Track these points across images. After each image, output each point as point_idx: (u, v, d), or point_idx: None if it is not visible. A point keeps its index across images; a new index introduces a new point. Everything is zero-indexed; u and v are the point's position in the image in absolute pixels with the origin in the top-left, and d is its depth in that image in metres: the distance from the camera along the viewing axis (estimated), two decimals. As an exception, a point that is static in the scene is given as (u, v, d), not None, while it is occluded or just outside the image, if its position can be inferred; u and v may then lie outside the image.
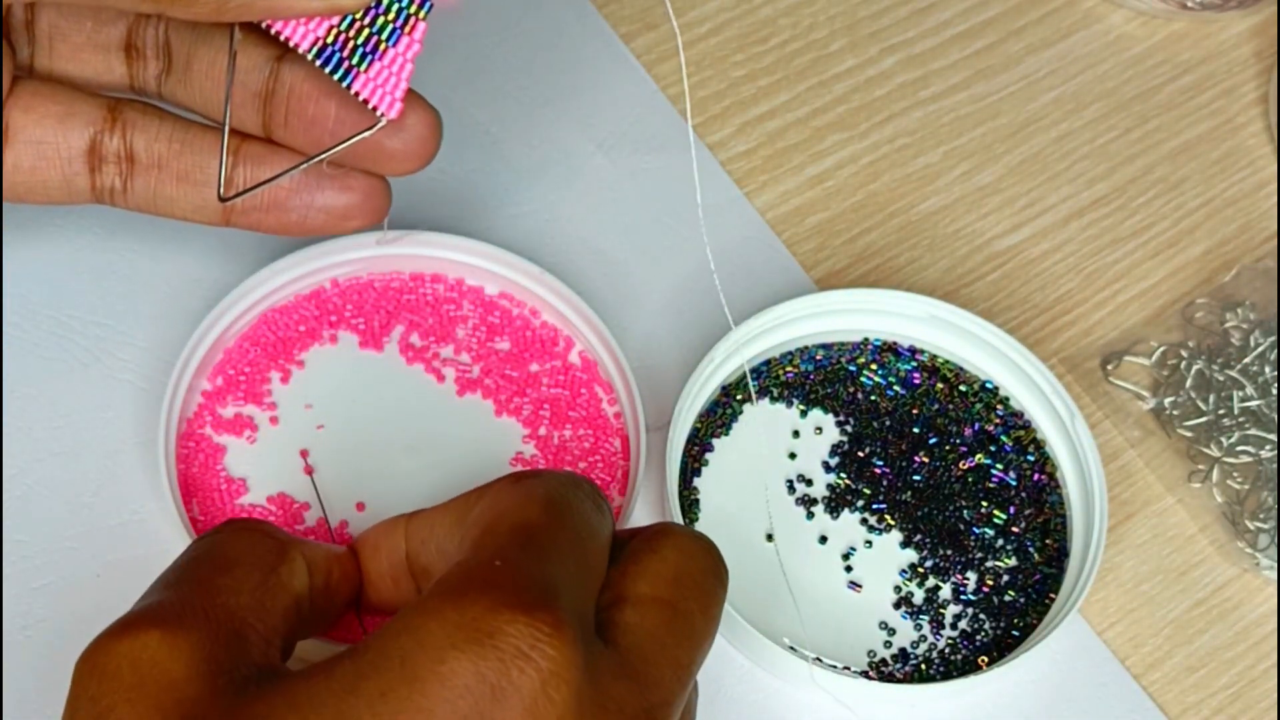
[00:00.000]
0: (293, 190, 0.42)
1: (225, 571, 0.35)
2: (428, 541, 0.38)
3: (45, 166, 0.41)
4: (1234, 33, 0.64)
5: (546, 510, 0.34)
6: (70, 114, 0.41)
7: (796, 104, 0.59)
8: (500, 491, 0.36)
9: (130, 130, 0.41)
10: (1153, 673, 0.49)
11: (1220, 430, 0.53)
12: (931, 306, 0.52)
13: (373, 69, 0.37)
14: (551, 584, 0.32)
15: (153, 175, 0.42)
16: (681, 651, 0.34)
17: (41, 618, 0.45)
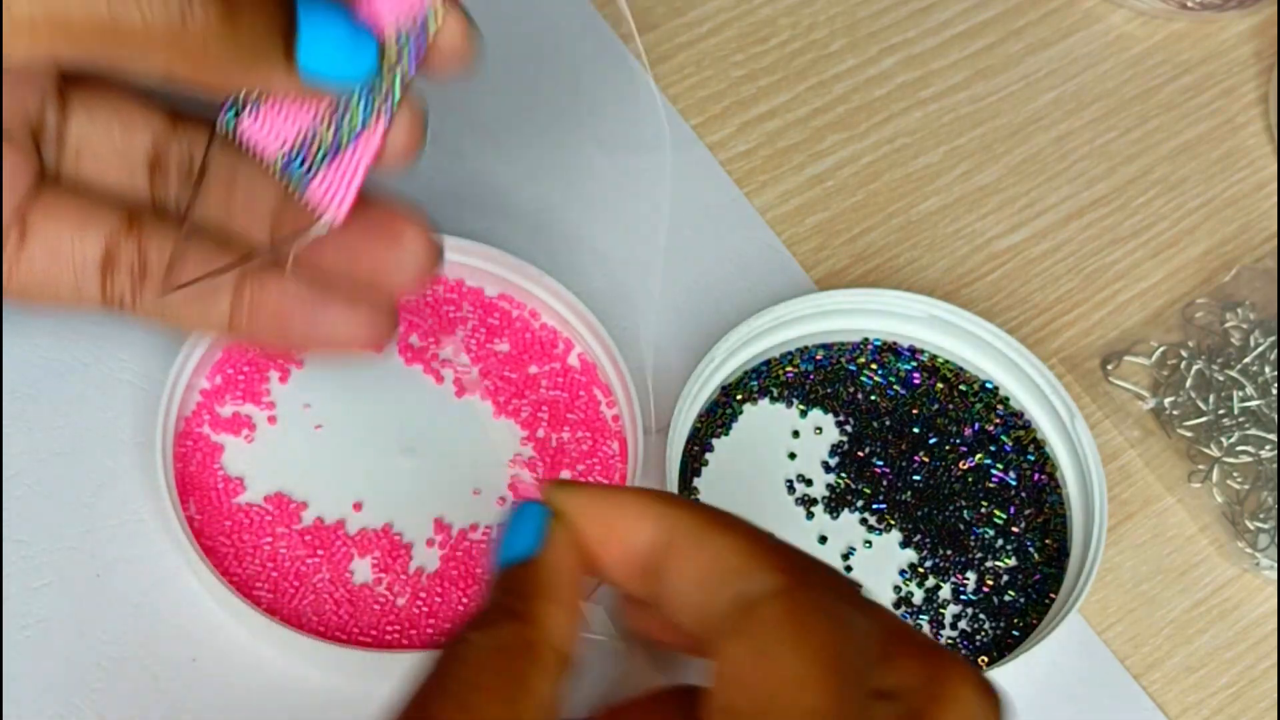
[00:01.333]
0: (299, 304, 0.41)
1: (463, 707, 0.31)
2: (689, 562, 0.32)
3: (58, 270, 0.41)
4: (1234, 33, 0.64)
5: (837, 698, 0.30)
6: (89, 220, 0.41)
7: (796, 104, 0.59)
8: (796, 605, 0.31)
9: (146, 240, 0.41)
10: (1153, 673, 0.49)
11: (1220, 430, 0.53)
12: (931, 306, 0.52)
13: (326, 173, 0.38)
14: None
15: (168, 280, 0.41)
16: None
17: (41, 618, 0.45)
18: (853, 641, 0.31)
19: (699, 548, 0.32)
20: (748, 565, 0.32)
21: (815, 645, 0.30)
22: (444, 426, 0.50)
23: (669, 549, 0.33)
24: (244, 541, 0.46)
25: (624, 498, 0.34)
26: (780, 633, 0.30)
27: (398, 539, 0.47)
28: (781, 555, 0.32)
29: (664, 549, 0.33)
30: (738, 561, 0.32)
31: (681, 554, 0.32)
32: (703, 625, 0.32)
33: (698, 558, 0.32)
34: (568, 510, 0.34)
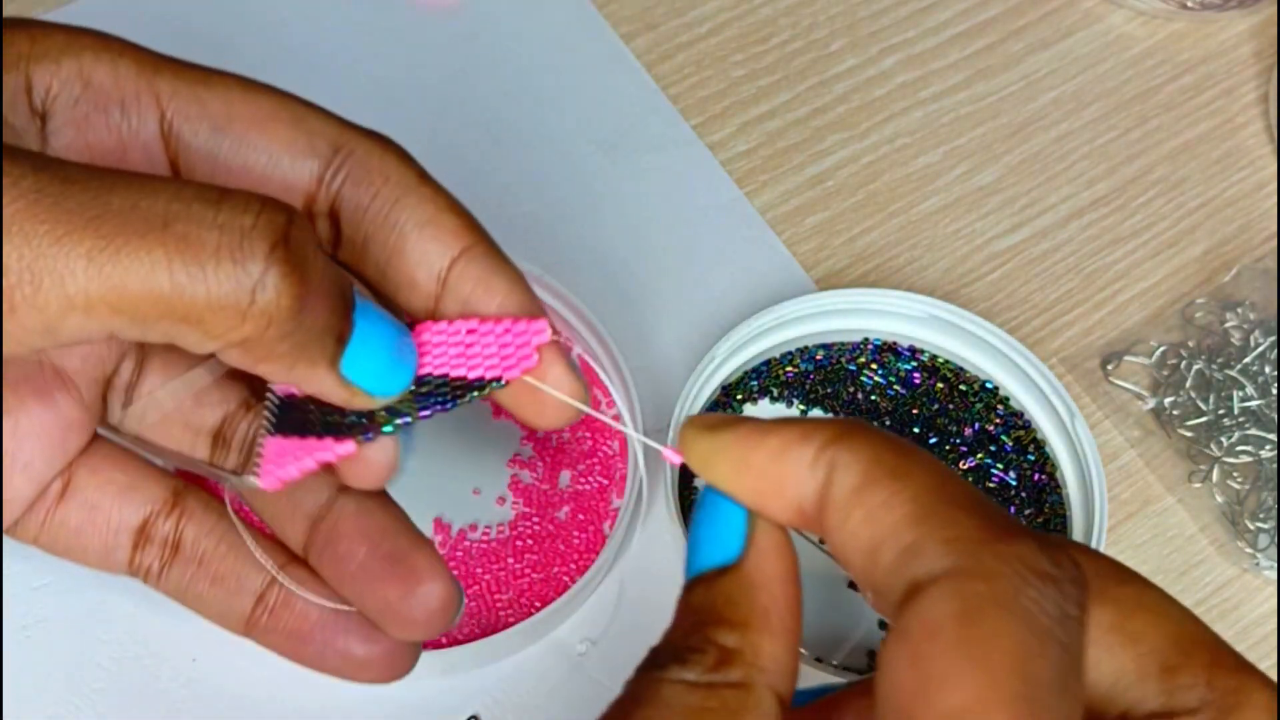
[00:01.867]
0: (319, 626, 0.40)
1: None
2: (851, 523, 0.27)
3: (91, 532, 0.39)
4: (1234, 33, 0.64)
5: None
6: (134, 488, 0.39)
7: (796, 104, 0.59)
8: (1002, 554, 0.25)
9: (185, 519, 0.40)
10: (1153, 673, 0.49)
11: (1220, 430, 0.53)
12: (931, 306, 0.52)
13: (285, 441, 0.36)
14: None
15: (190, 570, 0.40)
16: None
17: (41, 618, 0.45)
18: (1046, 640, 0.24)
19: (861, 504, 0.27)
20: (914, 533, 0.25)
21: (992, 662, 0.23)
22: (444, 426, 0.49)
23: (829, 504, 0.27)
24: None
25: (774, 442, 0.28)
26: (943, 641, 0.24)
27: (398, 539, 0.47)
28: (958, 522, 0.25)
29: (825, 503, 0.27)
30: (902, 526, 0.26)
31: (842, 511, 0.27)
32: (881, 599, 0.26)
33: (860, 518, 0.26)
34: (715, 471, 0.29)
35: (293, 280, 0.30)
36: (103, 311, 0.30)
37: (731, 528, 0.29)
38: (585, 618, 0.47)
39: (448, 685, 0.46)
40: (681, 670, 0.27)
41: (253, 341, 0.31)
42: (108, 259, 0.29)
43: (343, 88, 0.58)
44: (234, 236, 0.30)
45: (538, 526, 0.48)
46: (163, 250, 0.29)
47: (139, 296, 0.30)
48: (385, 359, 0.33)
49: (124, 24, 0.59)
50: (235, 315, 0.30)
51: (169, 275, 0.30)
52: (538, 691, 0.46)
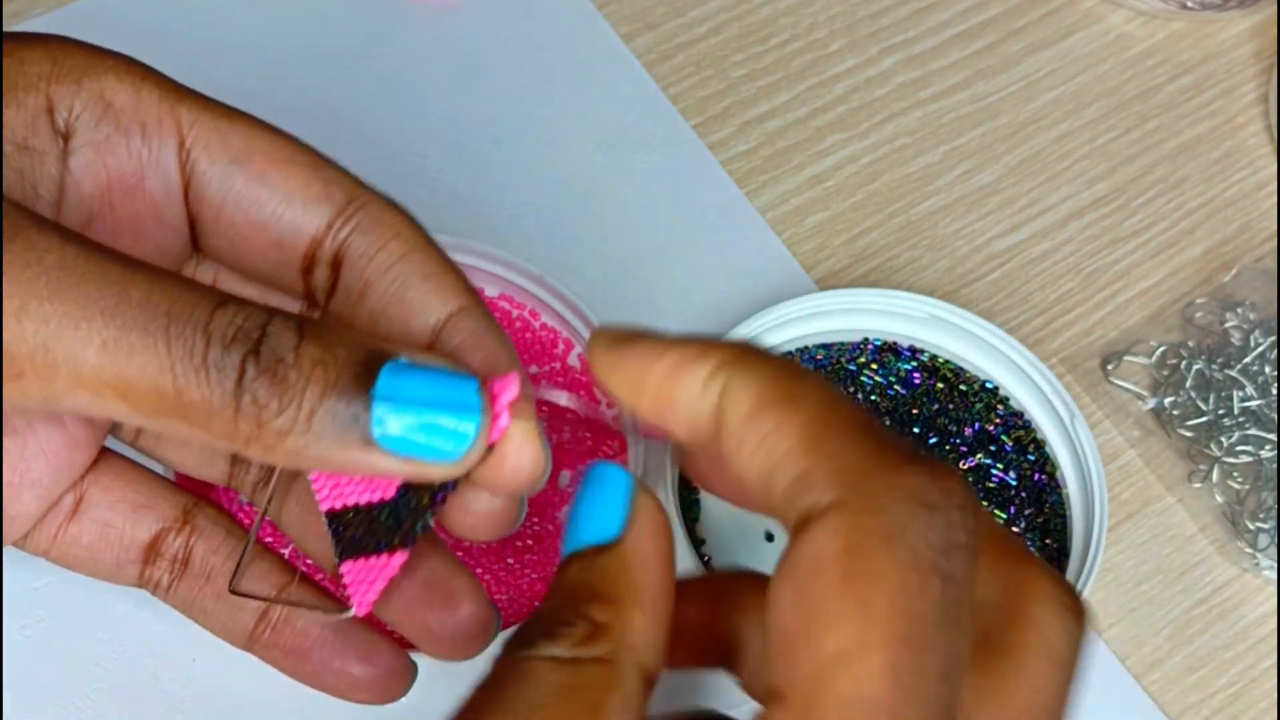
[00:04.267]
0: (319, 644, 0.40)
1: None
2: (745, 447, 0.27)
3: (103, 548, 0.39)
4: (1234, 33, 0.64)
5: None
6: (146, 506, 0.39)
7: (796, 104, 0.59)
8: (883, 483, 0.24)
9: (196, 536, 0.40)
10: (1153, 673, 0.49)
11: (1220, 430, 0.53)
12: (931, 306, 0.52)
13: (358, 562, 0.35)
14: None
15: (197, 585, 0.40)
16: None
17: (41, 618, 0.45)
18: (930, 575, 0.23)
19: (754, 431, 0.26)
20: (803, 463, 0.25)
21: (874, 602, 0.23)
22: (444, 426, 0.49)
23: (723, 428, 0.27)
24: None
25: (669, 361, 0.28)
26: (826, 580, 0.23)
27: (398, 539, 0.47)
28: (846, 452, 0.25)
29: (719, 426, 0.27)
30: (792, 455, 0.25)
31: (736, 437, 0.27)
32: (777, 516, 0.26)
33: (752, 444, 0.26)
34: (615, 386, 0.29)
35: (268, 379, 0.30)
36: (109, 396, 0.30)
37: (613, 506, 0.29)
38: (585, 618, 0.47)
39: (448, 685, 0.46)
40: (550, 646, 0.27)
41: (259, 439, 0.31)
42: (122, 352, 0.30)
43: (343, 87, 0.58)
44: (217, 348, 0.30)
45: (538, 526, 0.48)
46: (166, 351, 0.30)
47: (146, 391, 0.30)
48: (430, 414, 0.31)
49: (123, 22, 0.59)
50: (228, 415, 0.30)
51: (172, 378, 0.30)
52: (538, 691, 0.46)
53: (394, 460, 0.31)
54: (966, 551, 0.24)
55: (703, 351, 0.28)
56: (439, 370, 0.31)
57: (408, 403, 0.31)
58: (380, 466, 0.31)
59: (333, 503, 0.35)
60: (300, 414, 0.31)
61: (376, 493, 0.34)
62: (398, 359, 0.31)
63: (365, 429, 0.31)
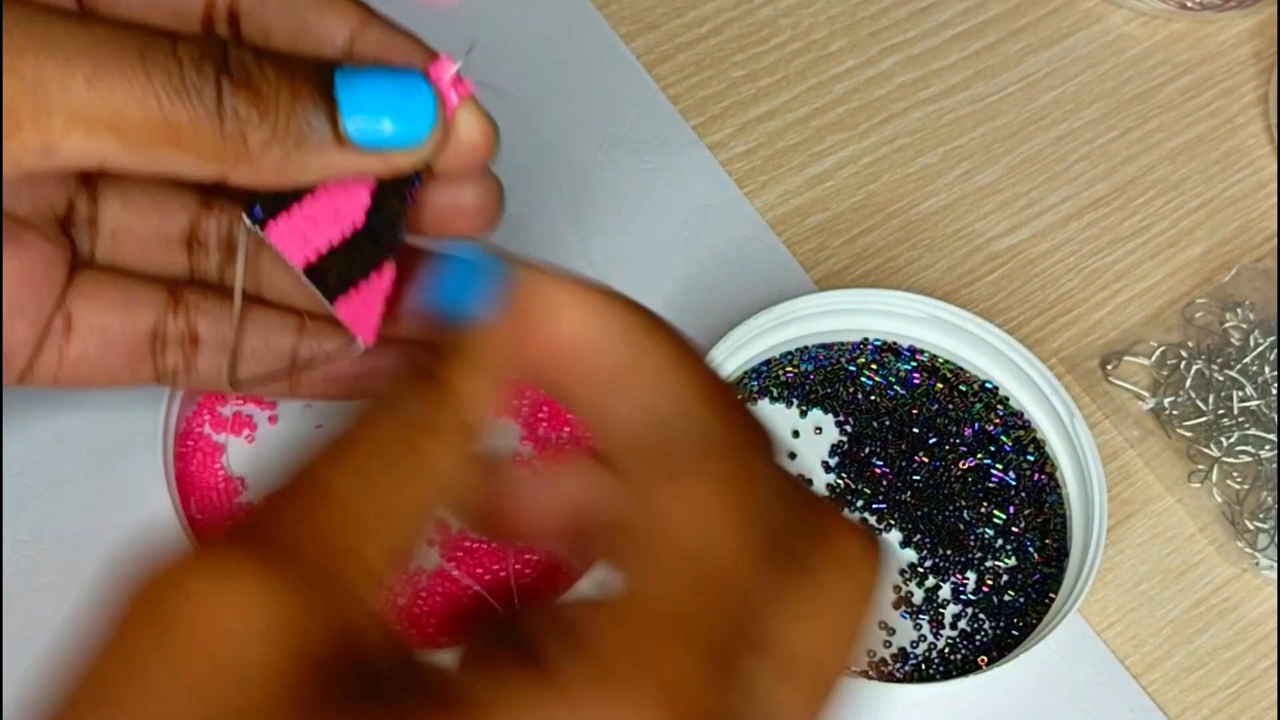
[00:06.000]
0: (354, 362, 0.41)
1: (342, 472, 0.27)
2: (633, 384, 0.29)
3: (111, 352, 0.41)
4: (1234, 33, 0.64)
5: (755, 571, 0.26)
6: (134, 300, 0.41)
7: (796, 104, 0.60)
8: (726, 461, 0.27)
9: (193, 312, 0.41)
10: (1152, 673, 0.49)
11: (1220, 430, 0.53)
12: (931, 306, 0.52)
13: (350, 296, 0.38)
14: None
15: (217, 355, 0.41)
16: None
17: (41, 618, 0.45)
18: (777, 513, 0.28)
19: (647, 369, 0.29)
20: (696, 410, 0.28)
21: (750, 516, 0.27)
22: (444, 426, 0.49)
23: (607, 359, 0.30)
24: (244, 541, 0.46)
25: (562, 284, 0.31)
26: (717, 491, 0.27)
27: (398, 539, 0.47)
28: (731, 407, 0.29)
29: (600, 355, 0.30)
30: (689, 402, 0.28)
31: (623, 373, 0.29)
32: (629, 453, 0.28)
33: (643, 381, 0.29)
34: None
35: (245, 91, 0.33)
36: (102, 132, 0.33)
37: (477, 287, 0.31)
38: (585, 617, 0.47)
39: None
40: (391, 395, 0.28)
41: (245, 156, 0.34)
42: (104, 84, 0.32)
43: (343, 88, 0.58)
44: (190, 68, 0.33)
45: (538, 526, 0.48)
46: (146, 77, 0.33)
47: (135, 120, 0.33)
48: (389, 105, 0.35)
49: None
50: (214, 135, 0.33)
51: (156, 101, 0.33)
52: (538, 691, 0.46)
53: (367, 157, 0.35)
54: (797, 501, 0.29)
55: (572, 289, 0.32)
56: (383, 69, 0.35)
57: (367, 99, 0.35)
58: (356, 165, 0.35)
59: (305, 256, 0.37)
60: (279, 120, 0.34)
61: (346, 223, 0.37)
62: (343, 66, 0.35)
63: (338, 129, 0.34)
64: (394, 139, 0.35)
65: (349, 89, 0.35)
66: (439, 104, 0.36)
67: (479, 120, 0.37)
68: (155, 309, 0.41)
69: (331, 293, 0.38)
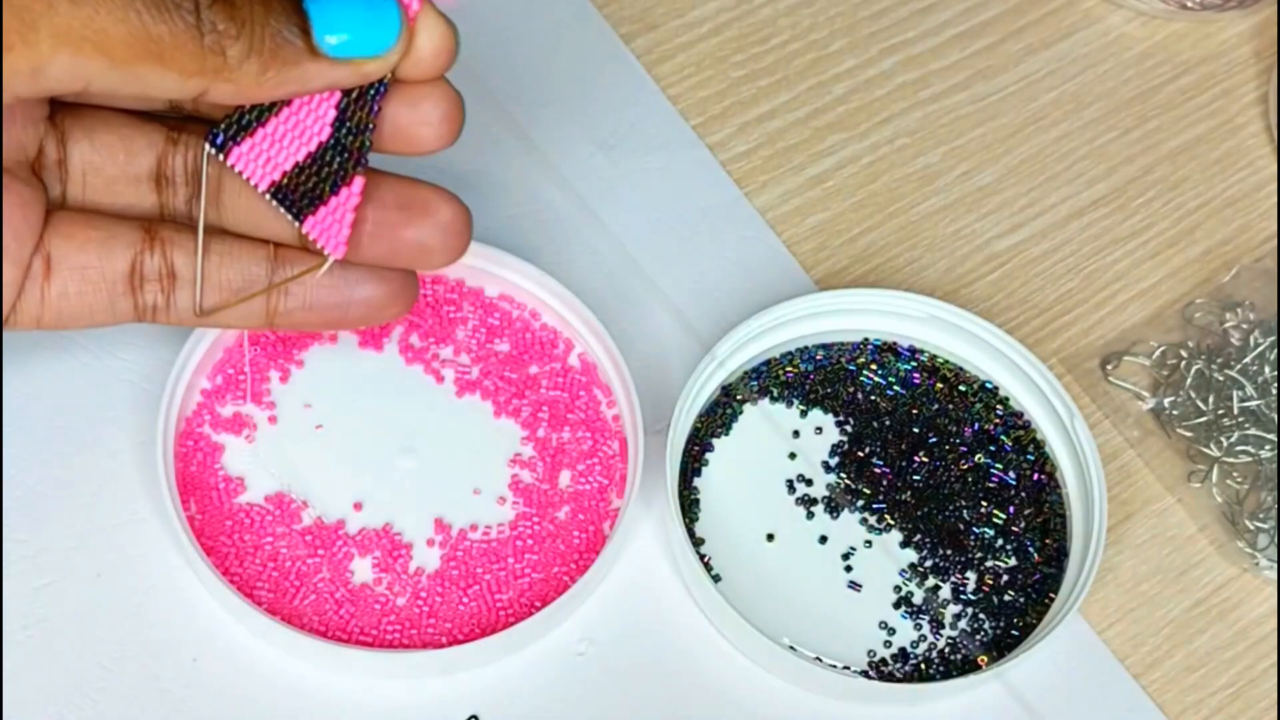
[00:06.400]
0: (332, 288, 0.43)
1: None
2: None
3: (91, 291, 0.41)
4: (1234, 33, 0.64)
5: None
6: (111, 238, 0.42)
7: (796, 104, 0.60)
8: None
9: (170, 248, 0.42)
10: (1152, 672, 0.49)
11: (1220, 430, 0.53)
12: (931, 306, 0.52)
13: (319, 213, 0.40)
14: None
15: (194, 291, 0.42)
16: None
17: (42, 618, 0.45)
18: None
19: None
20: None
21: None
22: (444, 426, 0.50)
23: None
24: (244, 541, 0.46)
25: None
26: None
27: (398, 539, 0.47)
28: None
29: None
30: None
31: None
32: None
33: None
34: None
35: (221, 4, 0.35)
36: (88, 50, 0.34)
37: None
38: (585, 618, 0.47)
39: (448, 685, 0.46)
40: None
41: (224, 70, 0.36)
42: (89, 3, 0.34)
43: (343, 88, 0.58)
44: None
45: (538, 526, 0.48)
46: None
47: (119, 37, 0.34)
48: (357, 14, 0.37)
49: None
50: (195, 49, 0.35)
51: (138, 17, 0.34)
52: (538, 691, 0.46)
53: (340, 67, 0.37)
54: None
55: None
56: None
57: (335, 9, 0.37)
58: (329, 76, 0.37)
59: (270, 177, 0.39)
60: (254, 33, 0.36)
61: (311, 140, 0.39)
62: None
63: (310, 40, 0.37)
64: (363, 46, 0.37)
65: (318, 1, 0.37)
66: (403, 10, 0.38)
67: (439, 24, 0.39)
68: (132, 247, 0.42)
69: (300, 211, 0.39)
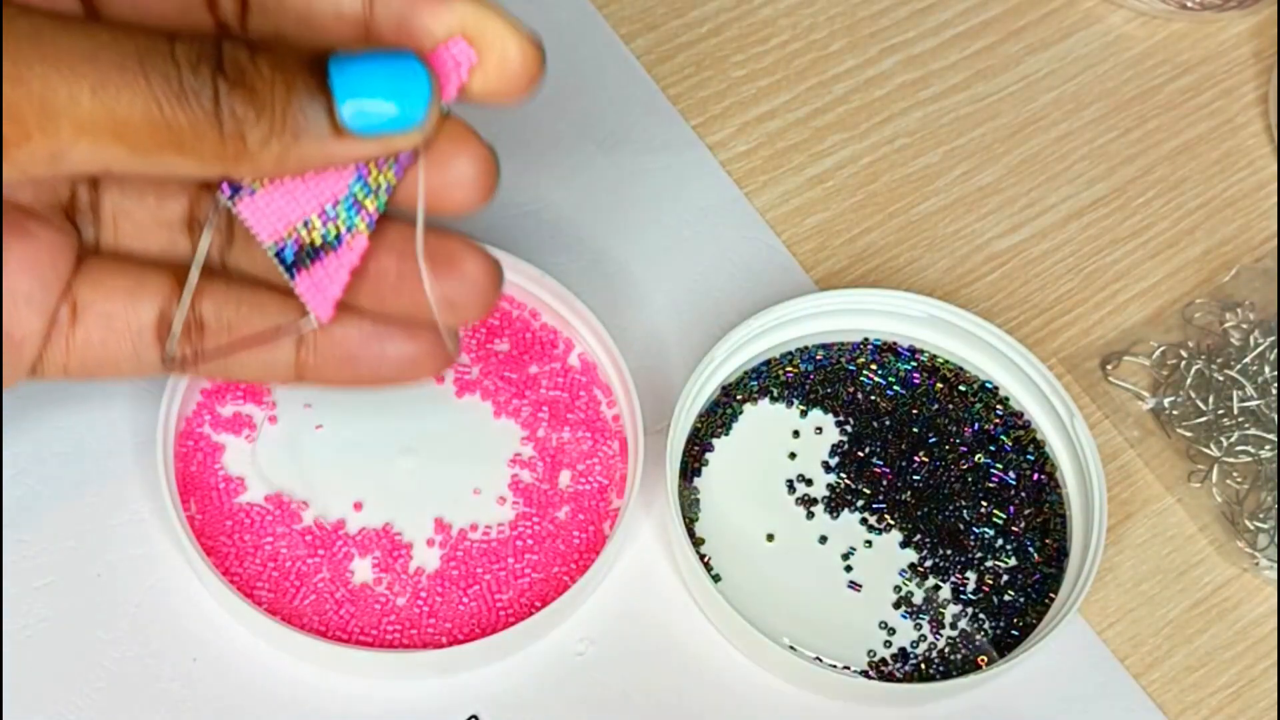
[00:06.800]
0: (363, 342, 0.41)
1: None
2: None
3: (115, 340, 0.40)
4: (1234, 33, 0.64)
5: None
6: (139, 287, 0.40)
7: (796, 104, 0.60)
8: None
9: (198, 298, 0.41)
10: (1152, 673, 0.49)
11: (1220, 430, 0.53)
12: (931, 306, 0.52)
13: (314, 270, 0.38)
14: None
15: (224, 340, 0.41)
16: None
17: (42, 618, 0.45)
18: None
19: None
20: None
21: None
22: (444, 426, 0.50)
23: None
24: (244, 541, 0.46)
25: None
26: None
27: (398, 539, 0.47)
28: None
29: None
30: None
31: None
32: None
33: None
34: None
35: (241, 90, 0.34)
36: (108, 140, 0.33)
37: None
38: (585, 618, 0.47)
39: (448, 685, 0.46)
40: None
41: (245, 154, 0.35)
42: (109, 92, 0.33)
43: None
44: (188, 71, 0.34)
45: (538, 526, 0.48)
46: (147, 83, 0.33)
47: (139, 126, 0.33)
48: (385, 89, 0.35)
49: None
50: (215, 136, 0.34)
51: (158, 107, 0.33)
52: (538, 691, 0.46)
53: (365, 142, 0.36)
54: None
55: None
56: (377, 52, 0.35)
57: (362, 85, 0.35)
58: (355, 151, 0.36)
59: (277, 230, 0.38)
60: (275, 117, 0.34)
61: (327, 196, 0.37)
62: (336, 53, 0.35)
63: (334, 118, 0.35)
64: (392, 123, 0.35)
65: (343, 76, 0.35)
66: (434, 84, 0.36)
67: (521, 41, 0.37)
68: (160, 295, 0.41)
69: (295, 266, 0.38)
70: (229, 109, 0.34)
